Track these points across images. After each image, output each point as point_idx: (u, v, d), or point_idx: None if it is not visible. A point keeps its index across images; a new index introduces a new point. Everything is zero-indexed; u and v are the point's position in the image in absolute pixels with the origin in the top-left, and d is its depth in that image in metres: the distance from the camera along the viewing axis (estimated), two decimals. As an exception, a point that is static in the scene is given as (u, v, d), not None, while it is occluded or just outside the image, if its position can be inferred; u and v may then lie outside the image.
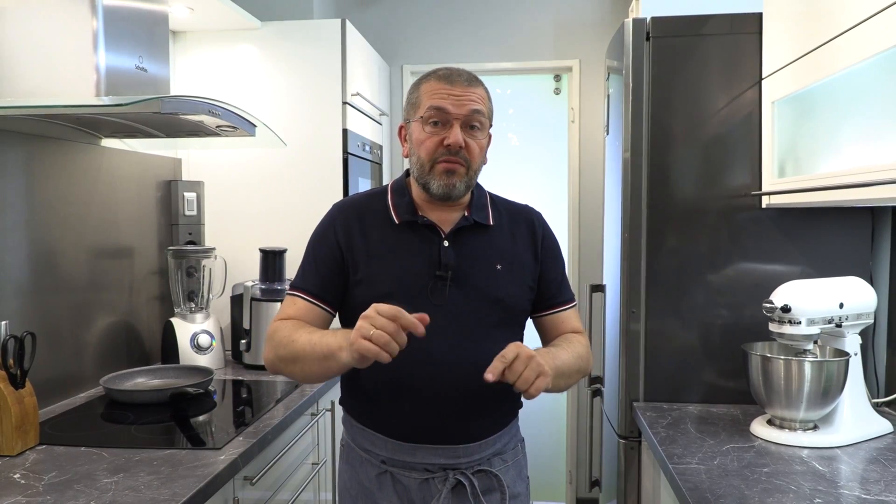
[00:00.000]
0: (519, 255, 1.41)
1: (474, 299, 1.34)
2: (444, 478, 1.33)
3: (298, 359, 1.28)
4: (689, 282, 1.91)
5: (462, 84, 1.31)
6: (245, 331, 2.31)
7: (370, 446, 1.37)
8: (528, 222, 1.46)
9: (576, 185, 3.27)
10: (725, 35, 1.87)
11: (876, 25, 1.22)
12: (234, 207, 2.58)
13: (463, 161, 1.31)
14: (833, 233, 1.86)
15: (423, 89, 1.33)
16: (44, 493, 1.27)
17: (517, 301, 1.40)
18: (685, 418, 1.77)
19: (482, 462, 1.37)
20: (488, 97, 1.37)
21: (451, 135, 1.29)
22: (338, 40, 2.52)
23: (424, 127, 1.32)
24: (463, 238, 1.37)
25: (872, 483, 1.35)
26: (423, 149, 1.32)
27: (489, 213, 1.41)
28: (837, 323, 1.60)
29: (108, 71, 1.67)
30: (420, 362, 1.29)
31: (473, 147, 1.32)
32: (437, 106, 1.30)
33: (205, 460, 1.44)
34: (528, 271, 1.42)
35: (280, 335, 1.32)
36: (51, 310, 1.86)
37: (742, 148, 1.87)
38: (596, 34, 3.19)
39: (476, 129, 1.32)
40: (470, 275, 1.34)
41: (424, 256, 1.34)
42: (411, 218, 1.36)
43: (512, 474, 1.42)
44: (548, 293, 1.46)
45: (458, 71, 1.34)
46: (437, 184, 1.32)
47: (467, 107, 1.30)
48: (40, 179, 1.83)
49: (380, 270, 1.34)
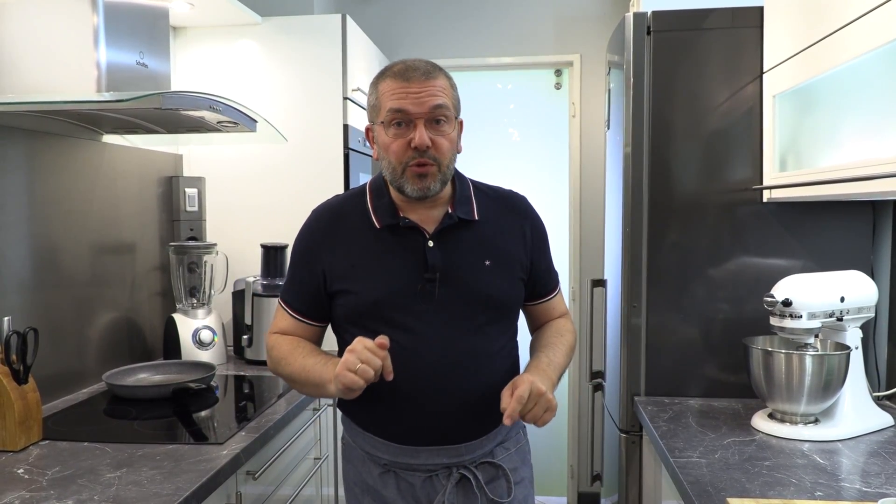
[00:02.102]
0: (508, 248, 1.37)
1: (465, 298, 1.31)
2: (447, 474, 1.33)
3: (294, 381, 1.35)
4: (690, 276, 1.91)
5: (419, 79, 1.25)
6: (247, 326, 2.32)
7: (371, 449, 1.36)
8: (515, 211, 1.42)
9: (577, 179, 3.27)
10: (726, 29, 1.86)
11: (876, 19, 1.22)
12: (235, 203, 2.59)
13: (432, 160, 1.26)
14: (834, 227, 1.86)
15: (381, 90, 1.28)
16: (47, 488, 1.27)
17: (508, 296, 1.37)
18: (686, 412, 1.78)
19: (485, 455, 1.37)
20: (450, 85, 1.30)
21: (416, 135, 1.24)
22: (338, 36, 2.51)
23: (388, 130, 1.26)
24: (448, 236, 1.32)
25: (873, 476, 1.35)
26: (391, 153, 1.27)
27: (473, 207, 1.37)
28: (838, 317, 1.60)
29: (109, 67, 1.67)
30: (415, 365, 1.28)
31: (441, 143, 1.26)
32: (397, 108, 1.24)
33: (207, 455, 1.45)
34: (518, 264, 1.38)
35: (276, 354, 1.37)
36: (53, 306, 1.86)
37: (743, 142, 1.87)
38: (597, 29, 3.18)
39: (442, 124, 1.26)
40: (459, 274, 1.31)
41: (410, 259, 1.30)
42: (392, 221, 1.32)
43: (516, 460, 1.42)
44: (538, 283, 1.44)
45: (414, 65, 1.27)
46: (411, 187, 1.27)
47: (428, 103, 1.24)
48: (42, 175, 1.83)
49: (366, 278, 1.31)
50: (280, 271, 2.38)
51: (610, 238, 2.23)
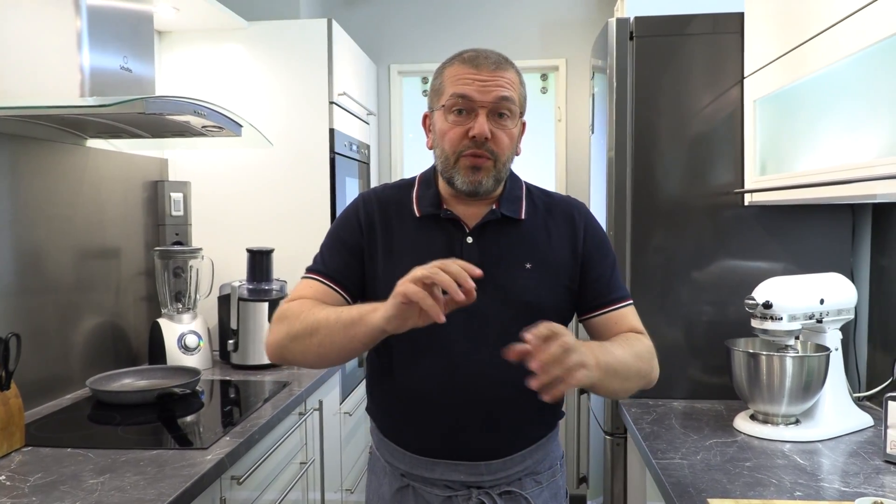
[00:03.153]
0: (554, 252, 1.26)
1: (499, 301, 1.20)
2: (467, 496, 1.23)
3: (319, 329, 1.13)
4: (673, 279, 1.93)
5: (489, 68, 1.18)
6: (233, 331, 2.31)
7: (391, 458, 1.30)
8: (567, 215, 1.30)
9: (563, 183, 3.29)
10: (708, 34, 1.89)
11: (853, 25, 1.24)
12: (221, 207, 2.58)
13: (489, 154, 1.19)
14: (814, 229, 1.89)
15: (447, 74, 1.22)
16: (29, 495, 1.27)
17: (549, 304, 1.24)
18: (670, 414, 1.79)
19: (511, 482, 1.25)
20: (520, 82, 1.24)
21: (476, 125, 1.17)
22: (324, 40, 2.52)
23: (447, 116, 1.20)
24: (489, 233, 1.24)
25: (852, 476, 1.37)
26: (447, 140, 1.20)
27: (522, 207, 1.28)
28: (818, 318, 1.62)
29: (93, 71, 1.66)
30: (437, 369, 1.20)
31: (501, 138, 1.19)
32: (460, 93, 1.17)
33: (192, 460, 1.44)
34: (566, 271, 1.26)
35: (296, 310, 1.19)
36: (36, 311, 1.85)
37: (725, 146, 1.89)
38: (582, 34, 3.21)
39: (505, 118, 1.20)
40: (495, 274, 1.19)
41: (444, 254, 1.13)
42: (434, 211, 1.25)
43: (546, 497, 1.30)
44: (594, 292, 1.28)
45: (486, 53, 1.21)
46: (462, 180, 1.20)
47: (494, 93, 1.17)
48: (25, 180, 1.82)
49: (398, 267, 1.14)
50: (266, 276, 2.38)
51: (595, 241, 2.24)
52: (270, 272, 2.39)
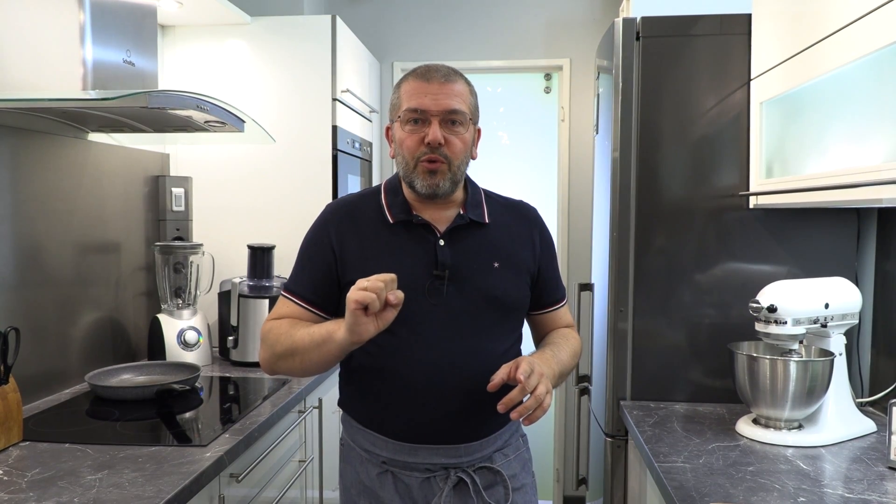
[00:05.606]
0: (517, 253, 1.40)
1: (472, 298, 1.33)
2: (445, 476, 1.33)
3: (297, 351, 1.28)
4: (676, 281, 1.92)
5: (439, 80, 1.30)
6: (233, 327, 2.30)
7: (370, 447, 1.36)
8: (523, 218, 1.46)
9: (565, 183, 3.28)
10: (715, 36, 1.87)
11: (863, 28, 1.23)
12: (222, 203, 2.57)
13: (443, 158, 1.30)
14: (819, 233, 1.88)
15: (403, 90, 1.33)
16: (27, 490, 1.26)
17: (515, 299, 1.39)
18: (671, 417, 1.78)
19: (484, 459, 1.36)
20: (470, 92, 1.36)
21: (430, 132, 1.28)
22: (328, 37, 2.51)
23: (405, 126, 1.31)
24: (459, 236, 1.36)
25: (855, 482, 1.36)
26: (405, 147, 1.32)
27: (484, 211, 1.40)
28: (823, 323, 1.61)
29: (96, 65, 1.66)
30: (419, 361, 1.29)
31: (454, 143, 1.31)
32: (414, 106, 1.29)
33: (190, 457, 1.43)
34: (527, 269, 1.41)
35: (276, 333, 1.33)
36: (36, 305, 1.84)
37: (730, 148, 1.88)
38: (587, 33, 3.19)
39: (457, 125, 1.31)
40: (467, 273, 1.33)
41: (420, 256, 1.33)
42: (406, 217, 1.35)
43: (515, 466, 1.42)
44: (544, 292, 1.47)
45: (437, 67, 1.33)
46: (421, 183, 1.31)
47: (444, 103, 1.29)
48: (26, 173, 1.81)
49: (375, 271, 1.25)
50: (267, 272, 2.37)
51: (597, 242, 2.24)
52: (271, 269, 2.38)
